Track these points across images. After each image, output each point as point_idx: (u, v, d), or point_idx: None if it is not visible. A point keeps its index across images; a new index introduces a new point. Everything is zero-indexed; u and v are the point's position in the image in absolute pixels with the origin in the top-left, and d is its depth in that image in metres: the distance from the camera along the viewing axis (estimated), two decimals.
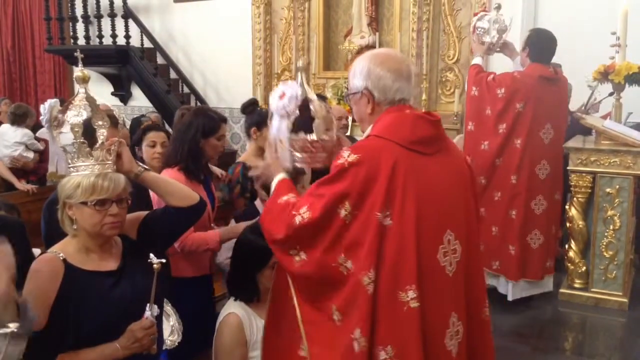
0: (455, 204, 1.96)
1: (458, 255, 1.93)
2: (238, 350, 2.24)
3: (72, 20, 8.60)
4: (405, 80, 1.96)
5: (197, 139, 2.98)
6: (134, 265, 2.03)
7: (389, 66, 1.94)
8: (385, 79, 1.93)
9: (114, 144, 1.98)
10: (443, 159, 1.97)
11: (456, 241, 1.93)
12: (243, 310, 2.28)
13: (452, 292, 1.93)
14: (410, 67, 2.01)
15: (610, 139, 4.38)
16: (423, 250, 1.86)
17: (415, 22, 6.75)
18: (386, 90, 1.94)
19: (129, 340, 1.92)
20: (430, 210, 1.88)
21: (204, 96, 8.42)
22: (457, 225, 1.95)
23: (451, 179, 1.96)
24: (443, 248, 1.90)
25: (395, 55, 2.05)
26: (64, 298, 1.86)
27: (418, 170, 1.88)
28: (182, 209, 2.12)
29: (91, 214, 1.91)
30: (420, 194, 1.86)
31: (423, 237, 1.86)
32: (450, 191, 1.95)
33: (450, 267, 1.91)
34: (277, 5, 7.74)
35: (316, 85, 7.35)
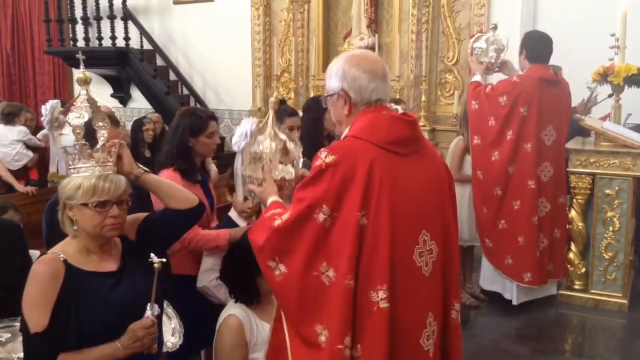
0: (431, 204, 1.97)
1: (434, 255, 1.95)
2: (238, 351, 2.24)
3: (72, 22, 8.62)
4: (381, 80, 1.96)
5: (186, 139, 2.99)
6: (134, 266, 2.04)
7: (364, 67, 1.94)
8: (361, 80, 1.93)
9: (115, 146, 1.98)
10: (419, 160, 1.97)
11: (432, 242, 1.94)
12: (243, 311, 2.28)
13: (429, 292, 1.95)
14: (385, 67, 2.01)
15: (609, 140, 4.39)
16: (398, 250, 1.86)
17: (415, 24, 6.76)
18: (362, 91, 1.94)
19: (130, 339, 1.92)
20: (406, 211, 1.89)
21: (204, 98, 8.43)
22: (433, 226, 1.96)
23: (427, 180, 1.97)
24: (419, 248, 1.91)
25: (370, 56, 2.06)
26: (65, 299, 1.87)
27: (394, 170, 1.89)
28: (181, 211, 2.12)
29: (92, 216, 1.92)
30: (395, 194, 1.87)
31: (398, 237, 1.86)
32: (425, 192, 1.96)
33: (427, 267, 1.92)
34: (277, 7, 7.75)
35: (315, 87, 7.36)
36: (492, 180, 4.24)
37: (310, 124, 4.01)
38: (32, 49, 9.87)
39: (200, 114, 3.14)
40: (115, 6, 8.10)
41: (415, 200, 1.92)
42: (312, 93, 7.17)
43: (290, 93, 7.59)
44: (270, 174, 2.15)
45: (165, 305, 2.39)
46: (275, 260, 1.90)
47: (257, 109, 7.61)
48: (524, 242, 4.29)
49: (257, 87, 7.87)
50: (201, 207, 2.20)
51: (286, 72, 7.72)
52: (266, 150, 2.16)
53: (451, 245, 2.04)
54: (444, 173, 2.08)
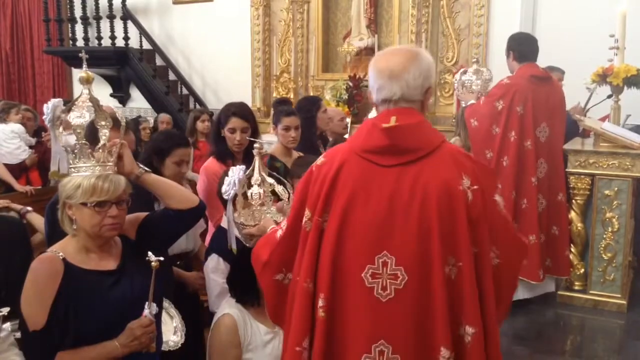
0: (405, 227, 1.74)
1: (400, 283, 1.74)
2: (231, 351, 2.24)
3: (71, 21, 8.62)
4: (387, 78, 1.81)
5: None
6: (133, 265, 2.04)
7: (376, 66, 1.86)
8: (371, 79, 1.88)
9: (116, 146, 1.98)
10: (406, 174, 1.76)
11: (398, 267, 1.74)
12: (239, 311, 2.28)
13: (383, 319, 1.76)
14: (401, 63, 1.80)
15: (608, 141, 4.39)
16: (343, 262, 1.78)
17: (414, 25, 6.77)
18: (373, 91, 1.88)
19: (128, 338, 1.93)
20: (365, 225, 1.76)
21: (203, 98, 8.43)
22: (403, 251, 1.74)
23: (408, 197, 1.74)
24: (372, 268, 1.75)
25: (392, 52, 1.92)
26: (64, 297, 1.87)
27: (366, 180, 1.78)
28: (182, 212, 2.12)
29: (91, 215, 1.92)
30: (358, 203, 1.77)
31: (347, 249, 1.78)
32: (402, 211, 1.74)
33: (384, 292, 1.75)
34: (276, 7, 7.75)
35: (315, 88, 7.37)
36: (509, 186, 4.25)
37: (303, 124, 4.02)
38: (32, 48, 9.86)
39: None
40: (115, 6, 8.10)
41: (381, 216, 1.75)
42: (311, 93, 7.18)
43: (290, 93, 7.58)
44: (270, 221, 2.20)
45: (167, 304, 2.39)
46: (283, 272, 1.93)
47: (256, 109, 7.61)
48: (534, 240, 4.31)
49: (256, 87, 7.87)
50: (201, 207, 2.20)
51: (285, 72, 7.71)
52: (256, 197, 2.22)
53: (437, 281, 1.73)
54: (450, 196, 1.74)
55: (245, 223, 2.21)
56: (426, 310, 1.75)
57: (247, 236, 2.27)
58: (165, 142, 2.96)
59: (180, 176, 2.95)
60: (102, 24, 8.22)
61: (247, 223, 2.21)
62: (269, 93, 7.77)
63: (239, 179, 2.22)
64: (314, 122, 4.12)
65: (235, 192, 2.22)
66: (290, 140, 3.60)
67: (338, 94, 7.02)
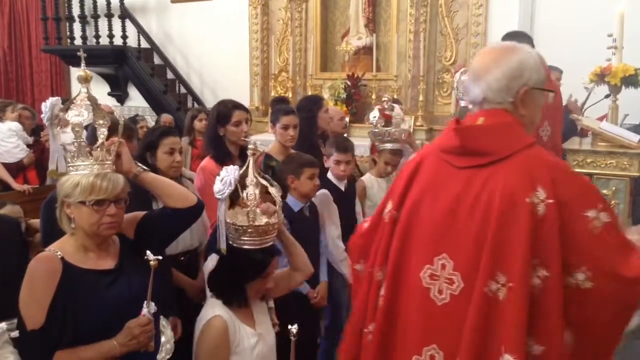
0: (468, 234, 1.67)
1: (456, 289, 1.69)
2: (221, 352, 2.23)
3: (69, 20, 8.60)
4: (471, 80, 1.78)
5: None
6: (132, 264, 2.04)
7: (472, 64, 1.83)
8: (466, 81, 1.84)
9: (114, 144, 1.98)
10: (476, 179, 1.69)
11: (455, 273, 1.69)
12: (227, 313, 2.27)
13: (438, 323, 1.72)
14: (488, 64, 1.74)
15: (606, 140, 4.39)
16: (406, 258, 1.79)
17: (413, 24, 6.77)
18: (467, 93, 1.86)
19: (127, 337, 1.93)
20: (429, 223, 1.75)
21: (201, 96, 8.42)
22: (462, 259, 1.68)
23: (474, 204, 1.67)
24: (431, 269, 1.73)
25: (483, 51, 1.85)
26: (62, 296, 1.87)
27: (440, 179, 1.77)
28: (180, 210, 2.12)
29: (89, 214, 1.92)
30: (426, 200, 1.77)
31: (410, 245, 1.78)
32: (465, 216, 1.69)
33: (440, 295, 1.71)
34: (275, 6, 7.75)
35: (313, 87, 7.36)
36: None
37: (304, 123, 4.02)
38: (29, 47, 9.84)
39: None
40: (113, 4, 8.09)
41: (445, 218, 1.71)
42: (309, 92, 7.17)
43: (288, 92, 7.58)
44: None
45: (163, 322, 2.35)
46: (361, 262, 2.00)
47: (254, 108, 7.60)
48: None
49: (255, 86, 7.86)
50: (200, 206, 2.20)
51: (284, 71, 7.71)
52: (250, 197, 2.21)
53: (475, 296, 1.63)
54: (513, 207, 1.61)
55: (237, 223, 2.20)
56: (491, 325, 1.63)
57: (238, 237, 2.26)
58: (152, 135, 3.02)
59: (176, 166, 2.98)
60: (100, 23, 8.21)
61: (237, 223, 2.20)
62: (267, 92, 7.76)
63: (234, 178, 2.21)
64: (315, 121, 4.10)
65: (230, 191, 2.22)
66: (288, 139, 3.60)
67: (336, 93, 7.02)
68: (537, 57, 1.78)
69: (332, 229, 3.32)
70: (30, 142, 6.26)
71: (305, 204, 3.17)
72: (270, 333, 2.41)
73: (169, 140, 2.97)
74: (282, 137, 3.60)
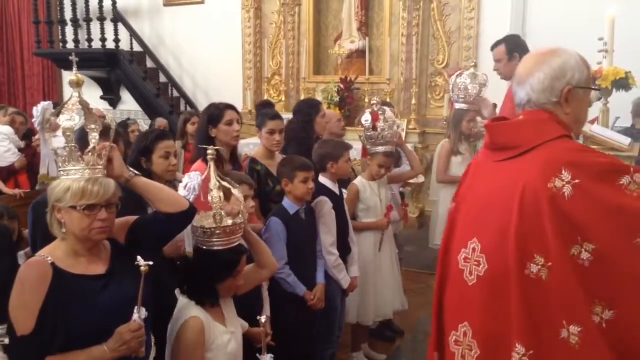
0: (493, 219, 1.81)
1: (481, 271, 1.82)
2: (198, 351, 2.27)
3: (61, 23, 8.58)
4: (516, 84, 1.89)
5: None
6: (123, 269, 2.03)
7: (515, 72, 1.92)
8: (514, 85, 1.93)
9: (105, 149, 1.97)
10: (504, 172, 1.82)
11: (481, 255, 1.83)
12: (202, 313, 2.32)
13: (468, 301, 1.86)
14: (530, 68, 1.85)
15: (597, 143, 4.41)
16: (451, 243, 1.97)
17: (405, 27, 6.79)
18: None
19: (117, 342, 1.91)
20: (468, 212, 1.93)
21: (194, 100, 8.42)
22: (488, 242, 1.82)
23: (500, 193, 1.80)
24: (465, 252, 1.88)
25: (527, 56, 1.95)
26: (52, 301, 1.86)
27: (481, 171, 1.96)
28: (172, 215, 2.11)
29: (80, 218, 1.91)
30: (469, 192, 1.96)
31: (455, 231, 1.97)
32: (493, 205, 1.82)
33: (470, 276, 1.86)
34: (267, 10, 7.77)
35: (306, 90, 7.37)
36: None
37: (301, 127, 4.00)
38: (21, 50, 9.82)
39: (218, 105, 3.34)
40: (105, 8, 8.08)
41: (479, 206, 1.88)
42: (302, 95, 7.19)
43: (281, 95, 7.59)
44: None
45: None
46: None
47: (247, 111, 7.60)
48: None
49: (247, 89, 7.87)
50: (192, 211, 2.19)
51: (277, 75, 7.72)
52: (215, 200, 2.26)
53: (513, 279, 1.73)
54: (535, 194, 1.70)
55: (206, 226, 2.27)
56: (503, 304, 1.74)
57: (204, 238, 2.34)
58: (146, 139, 2.98)
59: (172, 169, 2.97)
60: (93, 26, 8.20)
61: (206, 226, 2.27)
62: (260, 95, 7.77)
63: (197, 184, 2.31)
64: (312, 125, 4.07)
65: (194, 197, 2.32)
66: (274, 144, 3.58)
67: (329, 96, 7.03)
68: (579, 57, 1.90)
69: (327, 237, 3.32)
70: (22, 146, 6.22)
71: (301, 207, 3.18)
72: (239, 330, 2.46)
73: (164, 144, 2.95)
74: (268, 141, 3.59)
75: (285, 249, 3.06)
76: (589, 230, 1.65)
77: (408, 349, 4.26)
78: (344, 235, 3.49)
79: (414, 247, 5.77)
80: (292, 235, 3.09)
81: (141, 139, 3.08)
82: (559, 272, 1.66)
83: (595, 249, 1.64)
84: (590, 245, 1.64)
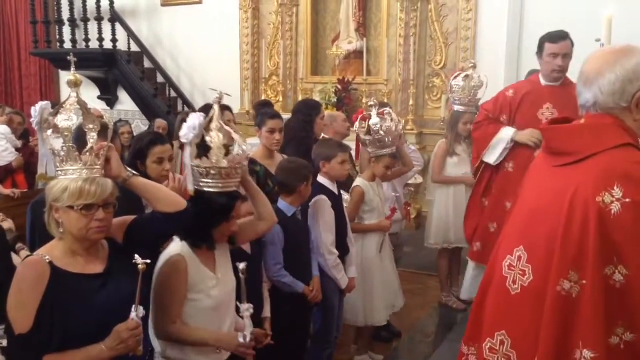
0: (541, 229, 1.73)
1: (526, 281, 1.76)
2: (181, 290, 2.31)
3: (58, 23, 8.57)
4: (582, 83, 1.73)
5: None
6: (120, 268, 2.03)
7: (581, 68, 1.77)
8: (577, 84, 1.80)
9: (103, 149, 1.98)
10: (558, 178, 1.73)
11: (527, 264, 1.76)
12: (189, 253, 2.34)
13: (508, 311, 1.81)
14: (595, 68, 1.70)
15: None
16: (499, 246, 1.93)
17: (402, 28, 6.80)
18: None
19: (115, 341, 1.92)
20: (518, 216, 1.88)
21: (191, 100, 8.41)
22: (535, 252, 1.74)
23: (551, 202, 1.72)
24: (510, 259, 1.82)
25: (595, 54, 1.77)
26: (50, 300, 1.86)
27: (536, 175, 1.89)
28: (170, 215, 2.12)
29: (77, 218, 1.91)
30: (523, 195, 1.91)
31: (504, 234, 1.94)
32: (543, 213, 1.75)
33: (513, 285, 1.80)
34: (265, 10, 7.77)
35: (303, 90, 7.37)
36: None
37: (300, 127, 4.01)
38: (18, 50, 9.80)
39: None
40: (103, 7, 8.07)
41: (529, 212, 1.81)
42: (300, 96, 7.19)
43: (278, 96, 7.59)
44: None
45: None
46: None
47: (245, 112, 7.60)
48: None
49: (245, 89, 7.87)
50: (189, 210, 2.20)
51: (274, 75, 7.73)
52: (215, 141, 2.25)
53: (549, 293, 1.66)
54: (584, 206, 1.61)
55: (201, 165, 2.25)
56: (540, 318, 1.69)
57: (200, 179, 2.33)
58: (141, 143, 3.01)
59: (164, 174, 2.95)
60: (90, 26, 8.19)
61: (202, 165, 2.25)
62: (257, 96, 7.77)
63: (198, 123, 2.25)
64: (312, 126, 4.07)
65: (194, 135, 2.26)
66: (274, 143, 3.61)
67: (327, 96, 7.04)
68: None
69: (327, 236, 3.32)
70: (19, 145, 6.22)
71: (297, 208, 3.18)
72: (229, 278, 2.45)
73: (157, 150, 2.96)
74: (268, 140, 3.61)
75: (281, 253, 3.05)
76: (627, 255, 1.57)
77: (405, 350, 4.27)
78: (342, 236, 3.49)
79: (411, 247, 5.78)
80: (290, 236, 3.09)
81: (137, 141, 3.09)
82: (591, 291, 1.59)
83: (628, 274, 1.57)
84: (624, 269, 1.57)
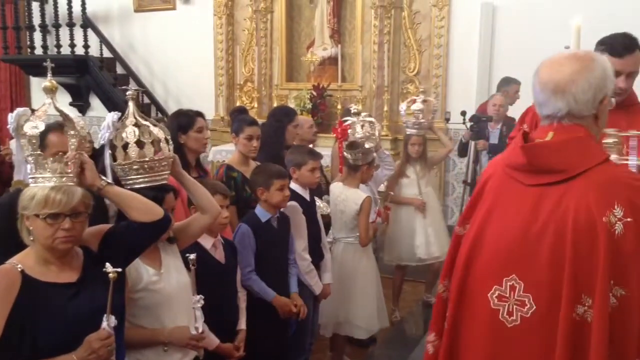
0: (540, 255, 1.61)
1: (527, 312, 1.63)
2: None
3: (29, 29, 8.44)
4: (550, 93, 1.62)
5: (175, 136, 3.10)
6: (95, 278, 2.00)
7: (539, 77, 1.66)
8: (534, 92, 1.68)
9: (75, 157, 1.95)
10: (547, 198, 1.61)
11: (527, 294, 1.63)
12: None
13: (508, 345, 1.68)
14: (570, 75, 1.60)
15: None
16: (472, 277, 1.75)
17: (377, 35, 6.85)
18: (536, 106, 1.69)
19: (86, 351, 1.89)
20: (496, 242, 1.70)
21: (165, 107, 8.34)
22: (533, 281, 1.63)
23: (545, 224, 1.60)
24: (499, 290, 1.68)
25: (555, 61, 1.66)
26: (21, 309, 1.83)
27: (506, 196, 1.71)
28: (146, 224, 2.09)
29: (43, 227, 1.88)
30: (494, 218, 1.72)
31: (477, 264, 1.74)
32: (536, 237, 1.62)
33: (509, 317, 1.66)
34: (240, 16, 7.75)
35: (279, 97, 7.37)
36: None
37: (272, 131, 4.00)
38: None
39: (187, 112, 3.43)
40: (75, 13, 7.97)
41: (514, 237, 1.66)
42: (275, 102, 7.19)
43: (254, 102, 7.58)
44: None
45: None
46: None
47: (219, 118, 7.57)
48: None
49: (220, 96, 7.84)
50: (166, 220, 2.18)
51: (249, 82, 7.71)
52: (129, 136, 2.26)
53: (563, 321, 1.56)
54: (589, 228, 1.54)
55: (123, 162, 2.25)
56: (551, 348, 1.59)
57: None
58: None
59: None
60: (62, 32, 8.07)
61: (123, 162, 2.25)
62: (232, 102, 7.74)
63: (113, 121, 2.31)
64: (282, 132, 4.06)
65: (109, 134, 2.31)
66: (252, 150, 3.59)
67: (302, 103, 7.04)
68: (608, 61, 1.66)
69: (299, 242, 3.32)
70: None
71: (274, 215, 3.16)
72: (178, 274, 2.43)
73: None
74: (246, 147, 3.58)
75: (252, 257, 3.04)
76: (629, 275, 1.52)
77: (382, 355, 4.28)
78: (316, 241, 3.49)
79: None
80: (261, 243, 3.07)
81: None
82: (600, 315, 1.52)
83: (624, 295, 1.52)
84: (620, 290, 1.52)
